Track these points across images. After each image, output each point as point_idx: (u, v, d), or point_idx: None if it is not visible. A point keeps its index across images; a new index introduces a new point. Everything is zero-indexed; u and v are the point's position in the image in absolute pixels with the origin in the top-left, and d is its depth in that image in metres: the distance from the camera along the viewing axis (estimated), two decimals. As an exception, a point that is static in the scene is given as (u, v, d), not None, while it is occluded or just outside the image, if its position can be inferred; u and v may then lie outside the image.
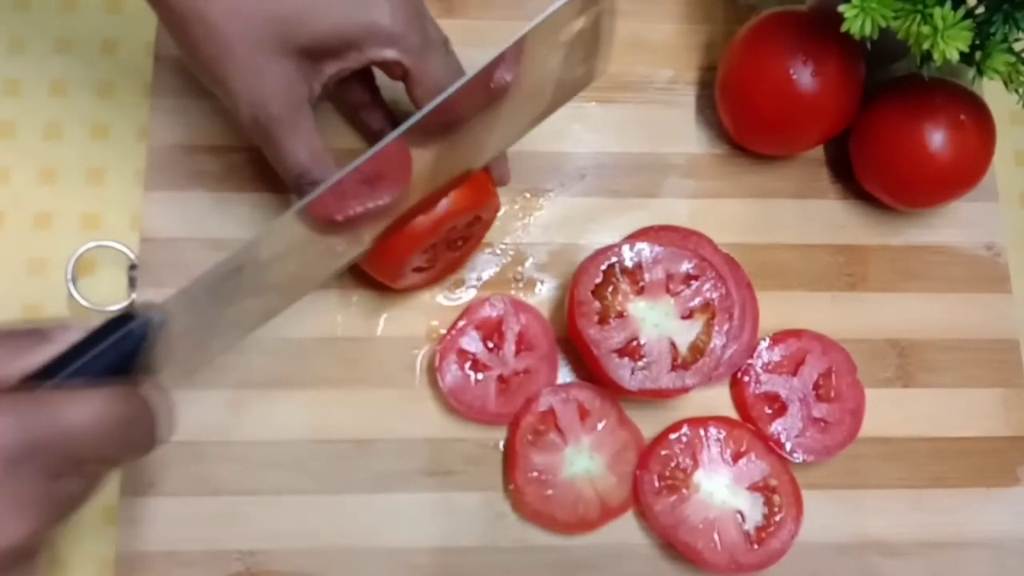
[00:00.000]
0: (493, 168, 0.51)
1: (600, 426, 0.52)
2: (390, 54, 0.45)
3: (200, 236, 0.54)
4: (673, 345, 0.51)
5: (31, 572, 0.35)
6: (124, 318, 0.37)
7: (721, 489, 0.51)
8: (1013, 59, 0.47)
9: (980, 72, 0.48)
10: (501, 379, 0.52)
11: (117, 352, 0.36)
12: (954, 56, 0.44)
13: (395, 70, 0.46)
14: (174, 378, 0.40)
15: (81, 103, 0.57)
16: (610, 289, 0.51)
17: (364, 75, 0.52)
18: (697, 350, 0.51)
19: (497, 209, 0.53)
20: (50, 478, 0.34)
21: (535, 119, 0.51)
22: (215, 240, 0.54)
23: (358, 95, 0.53)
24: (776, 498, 0.51)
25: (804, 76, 0.52)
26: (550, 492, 0.51)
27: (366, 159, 0.42)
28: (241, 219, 0.54)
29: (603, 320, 0.51)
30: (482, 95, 0.44)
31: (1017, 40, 0.48)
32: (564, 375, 0.54)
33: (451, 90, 0.42)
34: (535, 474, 0.51)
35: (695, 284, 0.52)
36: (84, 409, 0.34)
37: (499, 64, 0.42)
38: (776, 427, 0.53)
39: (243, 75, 0.44)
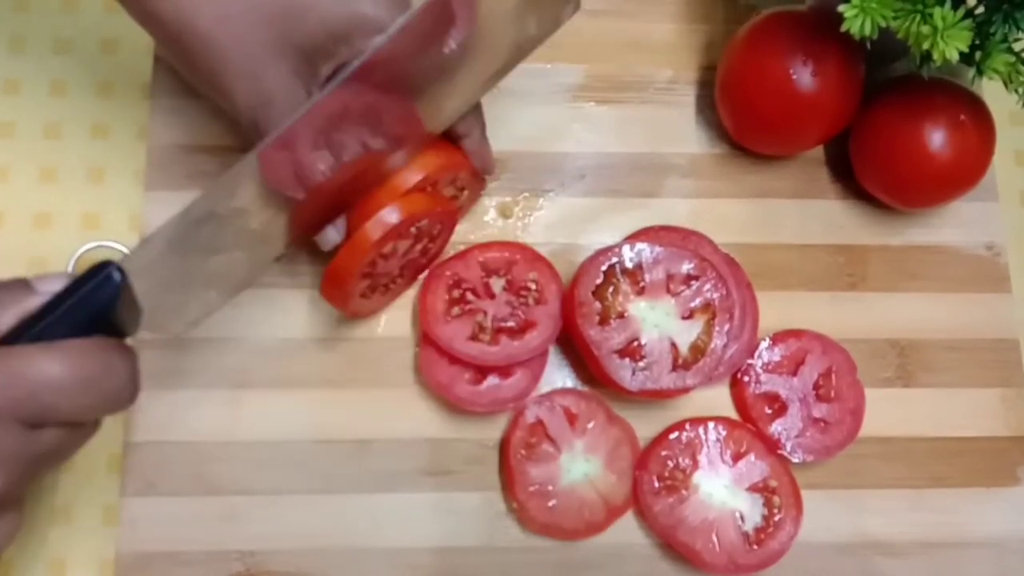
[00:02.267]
0: (474, 157, 0.50)
1: (590, 426, 0.52)
2: None
3: (200, 236, 0.54)
4: (674, 345, 0.51)
5: (13, 522, 0.36)
6: (101, 265, 0.37)
7: (720, 490, 0.51)
8: (1013, 59, 0.47)
9: (980, 72, 0.48)
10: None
11: (93, 304, 0.36)
12: (954, 56, 0.44)
13: None
14: (157, 331, 0.39)
15: (81, 103, 0.57)
16: (611, 289, 0.51)
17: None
18: (698, 350, 0.51)
19: (479, 192, 0.52)
20: (27, 429, 0.35)
21: (499, 70, 0.49)
22: (215, 240, 0.54)
23: None
24: (776, 499, 0.51)
25: (804, 76, 0.52)
26: (553, 503, 0.51)
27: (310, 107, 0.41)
28: (241, 219, 0.54)
29: (604, 321, 0.51)
30: (433, 48, 0.42)
31: (1017, 40, 0.48)
32: (564, 376, 0.54)
33: (394, 27, 0.41)
34: (535, 487, 0.51)
35: (695, 284, 0.52)
36: (57, 360, 0.35)
37: (437, 4, 0.41)
38: (776, 427, 0.53)
39: (241, 81, 0.43)
